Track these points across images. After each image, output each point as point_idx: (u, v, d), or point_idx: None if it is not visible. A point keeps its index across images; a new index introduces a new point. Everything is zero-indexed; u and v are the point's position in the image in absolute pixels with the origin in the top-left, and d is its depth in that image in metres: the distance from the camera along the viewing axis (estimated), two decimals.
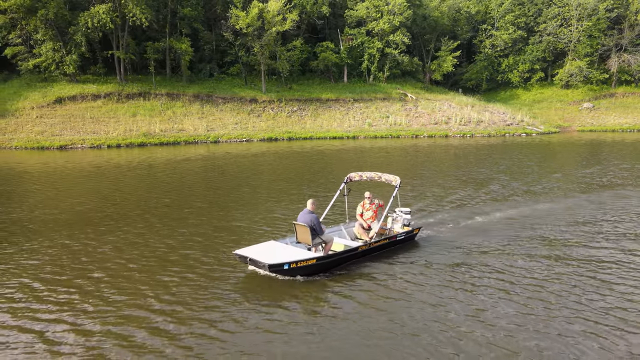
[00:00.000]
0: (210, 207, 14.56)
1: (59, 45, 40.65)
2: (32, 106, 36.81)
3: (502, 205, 14.41)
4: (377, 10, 50.55)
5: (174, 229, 11.92)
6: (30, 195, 16.70)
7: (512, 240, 10.80)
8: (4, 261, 9.54)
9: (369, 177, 10.94)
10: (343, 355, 5.95)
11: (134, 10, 38.88)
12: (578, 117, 50.35)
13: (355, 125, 42.52)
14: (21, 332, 6.61)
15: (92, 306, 7.41)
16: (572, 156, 27.87)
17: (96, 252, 10.10)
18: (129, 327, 6.70)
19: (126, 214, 13.51)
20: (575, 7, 52.79)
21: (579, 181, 18.77)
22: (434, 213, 13.46)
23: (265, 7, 42.67)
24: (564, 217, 12.92)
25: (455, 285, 8.19)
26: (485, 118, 44.30)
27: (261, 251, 8.57)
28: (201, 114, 40.70)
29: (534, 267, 9.09)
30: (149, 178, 20.27)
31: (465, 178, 19.49)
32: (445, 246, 10.48)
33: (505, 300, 7.61)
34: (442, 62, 54.43)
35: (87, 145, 32.56)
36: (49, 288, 8.08)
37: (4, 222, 12.73)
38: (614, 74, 54.12)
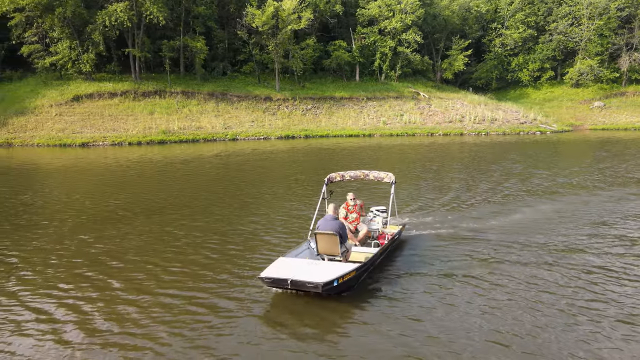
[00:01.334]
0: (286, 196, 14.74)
1: (75, 43, 40.82)
2: (50, 104, 36.99)
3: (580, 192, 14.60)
4: (389, 9, 50.77)
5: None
6: (120, 187, 17.26)
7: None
8: (119, 243, 9.72)
9: (352, 176, 10.06)
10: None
11: (151, 9, 39.06)
12: (589, 115, 50.58)
13: (370, 124, 42.71)
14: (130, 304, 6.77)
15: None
16: (601, 153, 28.07)
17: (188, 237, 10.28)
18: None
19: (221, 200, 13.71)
20: (586, 6, 53.00)
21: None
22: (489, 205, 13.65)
23: (280, 6, 42.84)
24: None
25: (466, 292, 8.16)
26: (499, 116, 44.53)
27: (287, 270, 7.14)
28: (217, 112, 40.89)
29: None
30: (202, 171, 20.48)
31: (507, 173, 19.68)
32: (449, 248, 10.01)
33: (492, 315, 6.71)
34: (454, 60, 54.61)
35: (109, 143, 32.75)
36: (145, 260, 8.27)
37: (113, 209, 12.91)
38: (625, 72, 54.36)
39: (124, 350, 5.90)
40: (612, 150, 28.40)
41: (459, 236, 10.69)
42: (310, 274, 7.07)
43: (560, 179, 18.45)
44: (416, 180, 18.46)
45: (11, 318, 6.81)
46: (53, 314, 6.94)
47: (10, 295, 7.58)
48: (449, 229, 11.27)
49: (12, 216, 12.95)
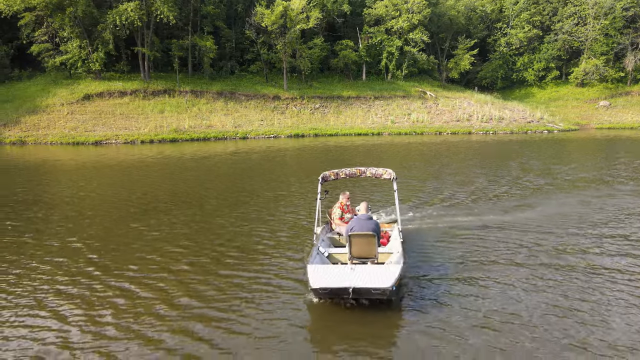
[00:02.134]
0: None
1: (85, 42, 41.02)
2: (61, 103, 37.19)
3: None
4: (396, 8, 51.01)
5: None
6: (153, 181, 17.79)
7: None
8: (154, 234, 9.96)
9: (348, 173, 9.53)
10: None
11: (162, 8, 39.26)
12: (595, 115, 50.81)
13: (378, 122, 42.94)
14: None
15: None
16: (615, 151, 28.29)
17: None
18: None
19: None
20: (592, 5, 53.26)
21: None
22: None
23: (289, 5, 43.06)
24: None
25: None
26: (506, 115, 44.76)
27: (339, 278, 6.61)
28: (226, 111, 41.09)
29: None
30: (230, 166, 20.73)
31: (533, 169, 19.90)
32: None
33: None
34: (459, 60, 54.84)
35: (121, 141, 32.95)
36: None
37: (152, 200, 13.14)
38: (630, 72, 54.62)
39: (207, 321, 6.43)
40: (624, 148, 28.64)
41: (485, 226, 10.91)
42: (367, 279, 6.52)
43: (582, 173, 18.73)
44: (439, 174, 18.69)
45: (101, 295, 7.35)
46: (134, 291, 7.51)
47: (91, 276, 8.10)
48: (474, 220, 11.49)
49: (64, 206, 13.16)
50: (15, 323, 6.44)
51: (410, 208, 12.96)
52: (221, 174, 19.73)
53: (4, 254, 9.32)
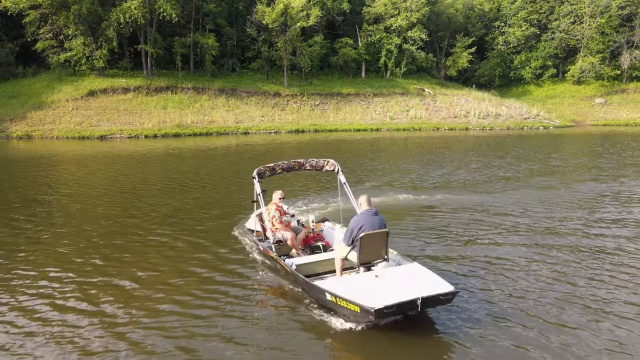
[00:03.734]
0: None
1: (89, 40, 41.76)
2: (66, 98, 37.95)
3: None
4: (395, 7, 51.76)
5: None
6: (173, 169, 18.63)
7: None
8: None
9: (285, 168, 8.28)
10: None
11: (165, 6, 39.99)
12: (591, 112, 51.57)
13: (377, 119, 43.70)
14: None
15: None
16: (604, 144, 29.05)
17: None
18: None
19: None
20: (588, 4, 54.00)
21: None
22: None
23: (289, 3, 43.79)
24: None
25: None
26: (502, 112, 45.52)
27: (392, 291, 5.64)
28: (228, 107, 41.84)
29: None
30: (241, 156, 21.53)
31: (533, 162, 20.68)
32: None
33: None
34: (457, 58, 55.60)
35: (125, 136, 33.73)
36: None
37: (171, 184, 13.94)
38: (626, 70, 55.36)
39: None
40: (616, 142, 29.42)
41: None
42: (420, 285, 5.73)
43: (558, 162, 19.51)
44: (440, 163, 19.47)
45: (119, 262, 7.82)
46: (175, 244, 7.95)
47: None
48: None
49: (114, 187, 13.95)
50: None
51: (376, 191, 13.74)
52: (234, 162, 20.50)
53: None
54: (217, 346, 5.47)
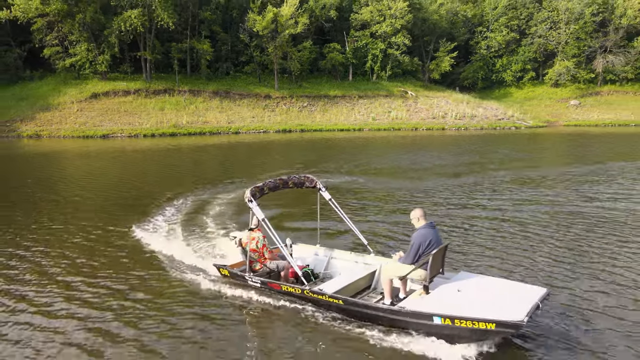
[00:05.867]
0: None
1: (93, 46, 44.97)
2: (72, 101, 41.16)
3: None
4: (380, 14, 54.90)
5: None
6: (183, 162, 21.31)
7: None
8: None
9: (272, 187, 7.50)
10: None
11: (162, 15, 43.16)
12: (565, 113, 54.66)
13: (361, 119, 46.85)
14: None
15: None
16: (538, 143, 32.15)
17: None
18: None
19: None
20: (564, 11, 57.10)
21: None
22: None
23: (279, 12, 46.95)
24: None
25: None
26: (478, 113, 48.64)
27: (501, 302, 5.47)
28: (221, 109, 45.01)
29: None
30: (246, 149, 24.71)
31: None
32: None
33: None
34: (440, 62, 58.71)
35: (126, 135, 36.92)
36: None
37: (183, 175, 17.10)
38: (600, 73, 58.43)
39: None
40: (569, 140, 32.49)
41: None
42: (519, 293, 5.66)
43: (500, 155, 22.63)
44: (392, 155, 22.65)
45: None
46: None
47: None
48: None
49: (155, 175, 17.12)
50: None
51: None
52: (237, 154, 23.68)
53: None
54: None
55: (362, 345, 5.65)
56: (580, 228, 10.55)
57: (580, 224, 10.86)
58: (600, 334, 5.89)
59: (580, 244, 9.43)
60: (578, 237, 9.84)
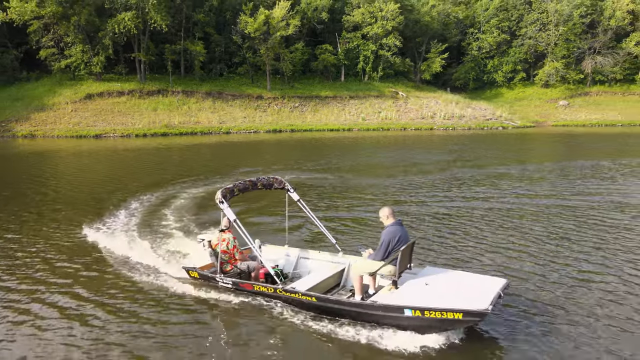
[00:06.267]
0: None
1: (87, 47, 45.85)
2: (66, 101, 42.02)
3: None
4: (372, 16, 55.75)
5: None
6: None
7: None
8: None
9: (242, 188, 7.57)
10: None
11: (155, 17, 44.03)
12: (554, 113, 55.46)
13: (351, 119, 47.70)
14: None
15: None
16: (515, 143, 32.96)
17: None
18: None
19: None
20: (553, 13, 57.90)
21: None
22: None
23: (270, 14, 47.81)
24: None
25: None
26: (467, 113, 49.46)
27: (460, 294, 5.81)
28: (213, 109, 45.87)
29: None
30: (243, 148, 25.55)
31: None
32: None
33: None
34: (432, 63, 59.53)
35: (118, 135, 37.79)
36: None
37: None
38: (589, 74, 59.23)
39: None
40: (550, 141, 33.30)
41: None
42: (482, 284, 5.99)
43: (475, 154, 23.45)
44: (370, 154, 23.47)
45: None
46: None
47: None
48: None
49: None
50: None
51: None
52: (227, 152, 24.54)
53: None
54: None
55: (335, 340, 5.78)
56: (536, 222, 11.34)
57: (538, 218, 11.65)
58: (557, 319, 6.24)
59: (538, 236, 10.05)
60: (535, 231, 10.54)
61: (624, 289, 7.22)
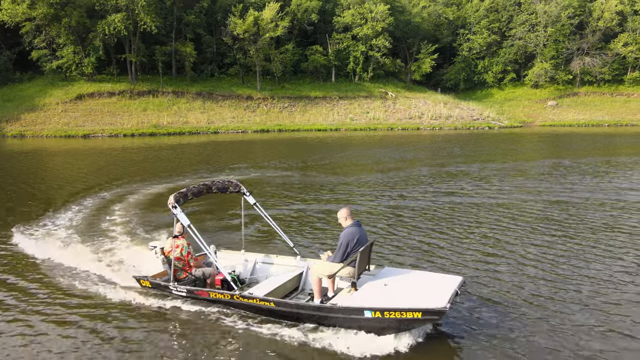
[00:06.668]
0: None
1: (79, 48, 46.48)
2: (57, 102, 42.65)
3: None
4: (362, 17, 56.30)
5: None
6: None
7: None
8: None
9: (195, 192, 7.27)
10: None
11: (145, 19, 44.63)
12: (542, 113, 55.92)
13: (339, 120, 48.24)
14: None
15: None
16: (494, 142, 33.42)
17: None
18: None
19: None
20: (542, 14, 58.40)
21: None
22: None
23: (260, 15, 48.39)
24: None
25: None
26: (454, 114, 49.98)
27: (422, 294, 5.83)
28: (203, 109, 46.45)
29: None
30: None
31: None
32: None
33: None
34: (422, 63, 60.05)
35: (106, 135, 38.39)
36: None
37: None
38: (578, 74, 59.70)
39: None
40: (530, 141, 33.78)
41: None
42: (440, 283, 6.05)
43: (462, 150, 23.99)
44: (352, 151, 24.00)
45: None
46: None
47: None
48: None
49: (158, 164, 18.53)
50: None
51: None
52: (218, 151, 25.09)
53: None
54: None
55: (294, 345, 5.72)
56: (492, 219, 11.83)
57: (493, 215, 12.14)
58: (513, 316, 6.38)
59: (493, 233, 10.39)
60: (489, 228, 10.97)
61: (566, 276, 7.70)
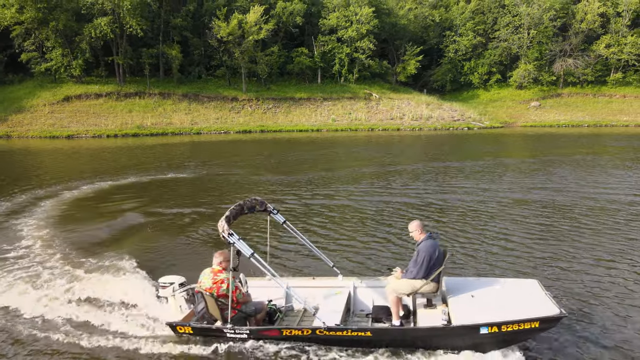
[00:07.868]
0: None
1: (67, 51, 47.57)
2: (44, 103, 43.76)
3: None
4: (347, 19, 57.24)
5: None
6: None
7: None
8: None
9: (234, 215, 6.09)
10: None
11: (131, 22, 45.67)
12: (524, 114, 56.73)
13: (321, 121, 49.17)
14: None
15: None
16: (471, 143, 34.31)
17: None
18: None
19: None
20: (525, 16, 59.22)
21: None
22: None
23: (244, 19, 49.38)
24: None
25: None
26: (435, 114, 50.83)
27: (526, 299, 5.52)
28: (188, 111, 47.47)
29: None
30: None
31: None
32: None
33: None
34: (407, 65, 60.94)
35: (90, 135, 39.44)
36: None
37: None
38: (561, 76, 60.48)
39: None
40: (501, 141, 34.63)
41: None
42: (530, 291, 5.69)
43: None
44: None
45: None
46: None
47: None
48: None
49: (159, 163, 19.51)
50: None
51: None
52: (205, 151, 26.04)
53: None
54: None
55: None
56: (451, 216, 12.78)
57: (446, 211, 13.10)
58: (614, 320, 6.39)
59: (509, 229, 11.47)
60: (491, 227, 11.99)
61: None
